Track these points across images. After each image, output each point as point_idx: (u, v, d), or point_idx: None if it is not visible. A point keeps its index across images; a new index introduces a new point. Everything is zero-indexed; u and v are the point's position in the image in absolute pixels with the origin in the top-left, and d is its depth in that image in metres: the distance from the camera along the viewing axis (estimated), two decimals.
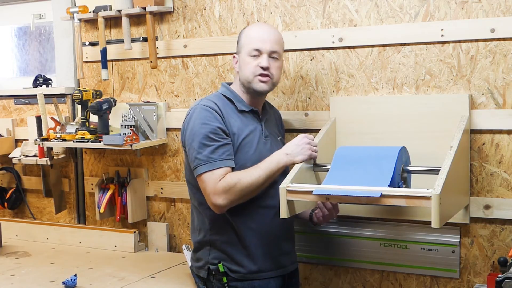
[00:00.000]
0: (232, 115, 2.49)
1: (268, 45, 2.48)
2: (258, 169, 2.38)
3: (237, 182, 2.35)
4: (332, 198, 2.29)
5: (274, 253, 2.52)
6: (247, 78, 2.49)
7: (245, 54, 2.50)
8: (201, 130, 2.40)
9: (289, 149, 2.40)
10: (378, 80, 2.74)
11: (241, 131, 2.47)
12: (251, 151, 2.47)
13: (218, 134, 2.40)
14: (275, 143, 2.59)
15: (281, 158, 2.39)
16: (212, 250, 2.49)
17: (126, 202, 3.33)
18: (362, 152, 2.47)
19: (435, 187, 2.11)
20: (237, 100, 2.53)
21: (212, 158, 2.37)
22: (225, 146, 2.40)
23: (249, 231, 2.47)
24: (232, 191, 2.35)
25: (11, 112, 3.87)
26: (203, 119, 2.42)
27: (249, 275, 2.47)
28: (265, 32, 2.52)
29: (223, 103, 2.50)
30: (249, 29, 2.58)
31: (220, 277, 2.46)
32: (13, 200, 3.82)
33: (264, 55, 2.47)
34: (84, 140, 3.24)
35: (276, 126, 2.71)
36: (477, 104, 2.56)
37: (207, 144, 2.39)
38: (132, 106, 3.25)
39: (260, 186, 2.39)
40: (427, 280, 2.73)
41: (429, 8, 2.62)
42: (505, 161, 2.54)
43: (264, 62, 2.46)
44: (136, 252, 3.31)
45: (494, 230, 2.58)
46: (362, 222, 2.82)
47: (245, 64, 2.49)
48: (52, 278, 2.88)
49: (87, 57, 3.49)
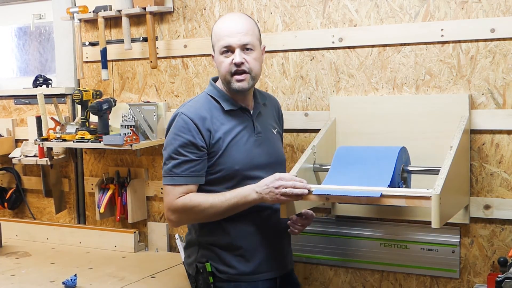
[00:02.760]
0: (218, 117, 2.40)
1: (237, 38, 2.32)
2: (223, 198, 2.30)
3: (196, 206, 2.31)
4: (332, 198, 2.29)
5: (265, 256, 2.44)
6: (225, 78, 2.39)
7: (217, 52, 2.37)
8: (172, 141, 2.35)
9: (260, 187, 2.27)
10: (378, 80, 2.74)
11: (227, 134, 2.38)
12: (238, 153, 2.38)
13: (187, 148, 2.32)
14: (270, 137, 2.51)
15: (249, 194, 2.28)
16: (201, 249, 2.44)
17: (126, 202, 3.33)
18: (362, 152, 2.48)
19: (435, 187, 2.11)
20: (224, 100, 2.42)
21: (174, 173, 2.33)
22: (191, 162, 2.32)
23: (241, 233, 2.41)
24: (188, 213, 2.33)
25: (11, 112, 3.87)
26: (177, 130, 2.35)
27: (237, 276, 2.40)
28: (232, 24, 2.36)
29: (208, 106, 2.41)
30: (217, 24, 2.41)
31: (206, 276, 2.41)
32: (13, 200, 3.82)
33: (236, 50, 2.33)
34: (84, 140, 3.24)
35: (272, 117, 2.59)
36: (477, 104, 2.56)
37: (174, 157, 2.34)
38: (132, 106, 3.25)
39: (220, 215, 2.34)
40: (427, 280, 2.73)
41: (429, 8, 2.62)
42: (505, 161, 2.54)
43: (237, 58, 2.32)
44: (136, 252, 3.31)
45: (494, 230, 2.58)
46: (362, 222, 2.82)
47: (219, 63, 2.37)
48: (52, 278, 2.88)
49: (87, 57, 3.49)
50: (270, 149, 2.49)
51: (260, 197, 2.27)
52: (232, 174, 2.37)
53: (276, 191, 2.24)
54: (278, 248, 2.49)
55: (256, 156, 2.41)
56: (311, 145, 2.58)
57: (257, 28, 2.42)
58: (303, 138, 2.92)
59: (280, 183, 2.24)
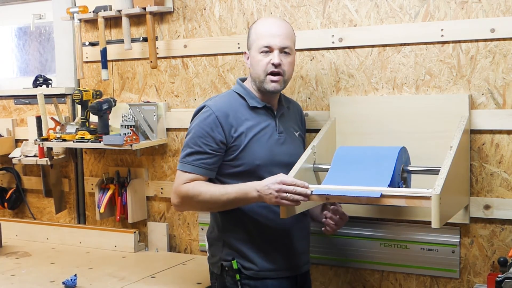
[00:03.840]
0: (243, 112, 2.45)
1: (278, 40, 2.40)
2: (224, 191, 2.34)
3: (196, 195, 2.36)
4: (332, 198, 2.29)
5: (286, 252, 2.49)
6: (259, 77, 2.44)
7: (255, 51, 2.43)
8: (193, 130, 2.43)
9: (261, 186, 2.28)
10: (378, 80, 2.74)
11: (250, 129, 2.43)
12: (260, 149, 2.42)
13: (204, 139, 2.39)
14: (292, 138, 2.55)
15: (250, 192, 2.30)
16: (225, 246, 2.47)
17: (126, 202, 3.33)
18: (362, 152, 2.47)
19: (435, 187, 2.11)
20: (250, 97, 2.48)
21: (186, 160, 2.41)
22: (204, 154, 2.39)
23: (261, 230, 2.44)
24: (189, 200, 2.39)
25: (11, 112, 3.87)
26: (199, 121, 2.42)
27: (262, 273, 2.44)
28: (275, 26, 2.44)
29: (234, 102, 2.47)
30: (259, 24, 2.49)
31: (233, 274, 2.43)
32: (13, 200, 3.82)
33: (275, 51, 2.40)
34: (84, 140, 3.25)
35: (295, 121, 2.64)
36: (477, 104, 2.56)
37: (190, 146, 2.42)
38: (132, 106, 3.25)
39: (219, 207, 2.39)
40: (427, 280, 2.73)
41: (429, 8, 2.62)
42: (505, 161, 2.54)
43: (275, 59, 2.39)
44: (136, 252, 3.31)
45: (494, 230, 2.58)
46: (362, 222, 2.82)
47: (256, 61, 2.43)
48: (52, 278, 2.88)
49: (87, 57, 3.49)
50: (292, 150, 2.53)
51: (260, 197, 2.29)
52: (252, 169, 2.42)
53: (275, 194, 2.25)
54: (298, 246, 2.53)
55: (278, 154, 2.46)
56: (311, 145, 2.58)
57: (295, 35, 2.50)
58: None
59: (280, 187, 2.25)
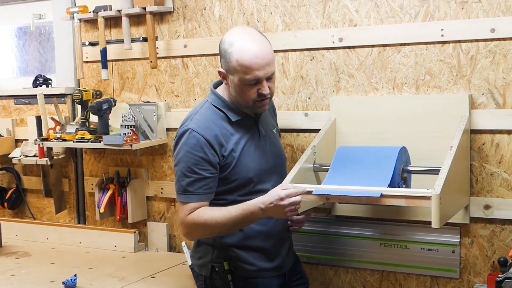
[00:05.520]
0: (227, 127, 2.39)
1: (264, 71, 2.30)
2: (228, 215, 2.30)
3: (203, 223, 2.33)
4: (332, 198, 2.29)
5: (277, 253, 2.51)
6: (246, 103, 2.37)
7: (240, 82, 2.32)
8: (185, 159, 2.35)
9: (266, 205, 2.25)
10: (378, 80, 2.74)
11: (237, 144, 2.39)
12: (250, 162, 2.41)
13: (200, 165, 2.33)
14: (273, 138, 2.55)
15: (255, 211, 2.27)
16: (216, 250, 2.47)
17: (126, 202, 3.33)
18: (362, 152, 2.48)
19: (435, 187, 2.11)
20: (229, 109, 2.40)
21: (188, 191, 2.35)
22: (205, 180, 2.34)
23: (254, 233, 2.45)
24: (197, 229, 2.37)
25: (11, 112, 3.87)
26: (189, 148, 2.34)
27: (254, 273, 2.46)
28: (260, 55, 2.28)
29: (215, 118, 2.39)
30: (241, 53, 2.29)
31: (224, 275, 2.44)
32: (13, 200, 3.82)
33: (264, 82, 2.32)
34: (84, 140, 3.25)
35: (270, 116, 2.62)
36: (477, 104, 2.56)
37: (187, 175, 2.34)
38: (132, 106, 3.25)
39: (229, 230, 2.37)
40: (427, 280, 2.73)
41: (429, 8, 2.62)
42: (505, 161, 2.54)
43: (266, 90, 2.32)
44: (136, 252, 3.31)
45: (494, 230, 2.58)
46: (362, 222, 2.82)
47: (242, 91, 2.34)
48: (52, 278, 2.88)
49: (87, 57, 3.49)
50: (276, 149, 2.55)
51: (266, 214, 2.28)
52: (246, 182, 2.41)
53: (283, 211, 2.24)
54: (285, 246, 2.55)
55: (266, 160, 2.46)
56: (311, 145, 2.58)
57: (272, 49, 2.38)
58: (303, 138, 2.92)
59: (284, 203, 2.23)
